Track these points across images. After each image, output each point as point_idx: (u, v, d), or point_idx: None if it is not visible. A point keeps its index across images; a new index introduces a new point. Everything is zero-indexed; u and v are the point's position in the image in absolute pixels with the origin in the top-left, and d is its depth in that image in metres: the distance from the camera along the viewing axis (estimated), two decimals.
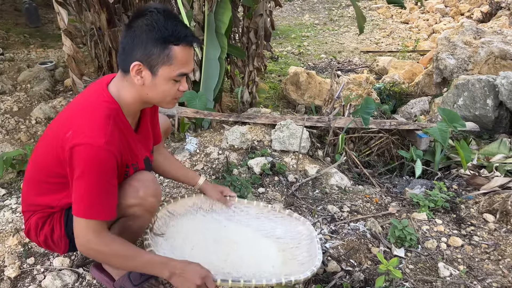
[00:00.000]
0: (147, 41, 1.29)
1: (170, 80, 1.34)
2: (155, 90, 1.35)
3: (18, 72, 5.10)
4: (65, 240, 1.49)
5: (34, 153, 1.51)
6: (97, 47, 4.48)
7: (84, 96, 1.42)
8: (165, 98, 1.39)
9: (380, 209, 2.42)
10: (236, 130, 2.86)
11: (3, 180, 2.63)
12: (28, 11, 7.18)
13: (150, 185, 1.48)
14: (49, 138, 1.40)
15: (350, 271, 1.91)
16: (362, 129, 3.24)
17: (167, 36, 1.28)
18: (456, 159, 3.00)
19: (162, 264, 1.38)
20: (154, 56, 1.29)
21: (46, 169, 1.42)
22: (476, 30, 5.05)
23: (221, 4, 3.69)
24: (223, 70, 3.73)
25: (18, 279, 1.73)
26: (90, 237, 1.32)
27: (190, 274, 1.37)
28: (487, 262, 1.97)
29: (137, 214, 1.48)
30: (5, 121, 4.06)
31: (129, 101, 1.39)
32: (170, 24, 1.29)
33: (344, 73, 6.19)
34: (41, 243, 1.53)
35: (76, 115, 1.34)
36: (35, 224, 1.50)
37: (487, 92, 3.63)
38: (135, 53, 1.30)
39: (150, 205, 1.49)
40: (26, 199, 1.53)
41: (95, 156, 1.26)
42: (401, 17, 9.30)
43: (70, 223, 1.44)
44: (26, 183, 1.54)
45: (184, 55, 1.33)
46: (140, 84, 1.34)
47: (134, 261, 1.36)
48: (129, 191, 1.44)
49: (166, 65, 1.31)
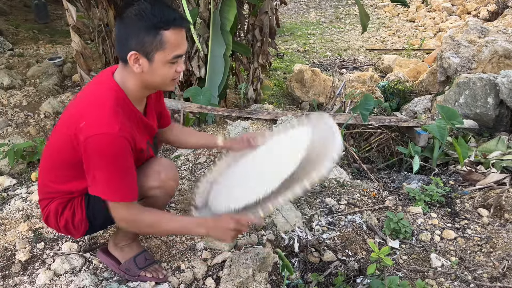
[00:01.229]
0: (138, 30, 1.33)
1: (167, 64, 1.39)
2: (154, 75, 1.41)
3: (27, 67, 5.21)
4: (86, 223, 1.57)
5: (48, 143, 1.58)
6: (105, 43, 4.57)
7: (92, 86, 1.49)
8: (164, 81, 1.44)
9: (377, 202, 2.49)
10: (239, 125, 2.93)
11: (13, 170, 2.74)
12: (37, 8, 7.30)
13: (170, 170, 1.60)
14: (63, 128, 1.47)
15: (345, 260, 1.99)
16: (362, 125, 3.31)
17: (156, 22, 1.32)
18: (454, 156, 3.06)
19: (198, 223, 1.50)
20: (147, 43, 1.34)
21: (62, 157, 1.49)
22: (481, 29, 5.07)
23: (227, 1, 3.76)
24: (228, 67, 3.81)
25: (29, 262, 1.83)
26: (123, 213, 1.43)
27: (223, 223, 1.46)
28: (478, 254, 2.04)
29: (157, 196, 1.58)
30: (14, 115, 4.17)
31: (134, 88, 1.45)
32: (157, 10, 1.33)
33: (349, 71, 6.24)
34: (61, 228, 1.60)
35: (87, 105, 1.41)
36: (55, 210, 1.56)
37: (488, 90, 3.67)
38: (130, 43, 1.35)
39: (170, 188, 1.61)
40: (43, 187, 1.60)
41: (111, 144, 1.33)
42: (407, 15, 9.30)
43: (91, 207, 1.54)
44: (42, 172, 1.60)
45: (176, 37, 1.37)
46: (139, 71, 1.39)
47: (171, 224, 1.49)
48: (151, 174, 1.54)
49: (160, 51, 1.36)
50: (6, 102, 4.36)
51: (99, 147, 1.33)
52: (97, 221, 1.60)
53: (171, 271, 1.81)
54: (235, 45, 4.06)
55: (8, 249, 1.90)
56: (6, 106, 4.27)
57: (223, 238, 1.48)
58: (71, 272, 1.75)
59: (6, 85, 4.63)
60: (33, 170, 2.74)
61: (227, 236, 1.46)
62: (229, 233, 1.45)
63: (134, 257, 1.74)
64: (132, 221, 1.46)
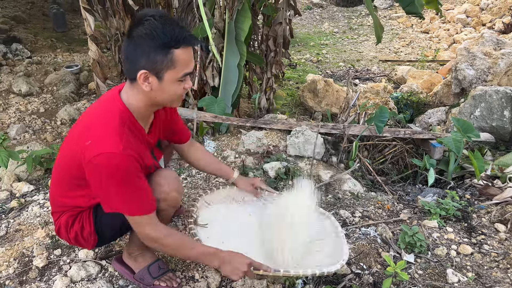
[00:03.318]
0: (149, 49, 1.34)
1: (176, 82, 1.41)
2: (163, 93, 1.43)
3: (45, 74, 5.31)
4: (94, 235, 1.60)
5: (58, 157, 1.61)
6: (121, 52, 4.64)
7: (99, 105, 1.51)
8: (172, 98, 1.46)
9: (392, 215, 2.47)
10: (253, 135, 2.95)
11: (31, 176, 2.78)
12: (55, 16, 7.45)
13: (174, 181, 1.60)
14: (71, 144, 1.49)
15: (359, 273, 1.97)
16: (377, 137, 3.29)
17: (167, 41, 1.34)
18: (470, 169, 3.02)
19: (214, 255, 1.52)
20: (158, 62, 1.35)
21: (70, 172, 1.52)
22: (496, 41, 5.04)
23: (242, 12, 3.80)
24: (241, 76, 3.83)
25: (46, 268, 1.85)
26: (148, 231, 1.46)
27: (238, 263, 1.49)
28: (495, 270, 2.00)
29: (162, 208, 1.59)
30: (32, 121, 4.24)
31: (140, 106, 1.47)
32: (168, 29, 1.34)
33: (362, 82, 6.23)
34: (71, 240, 1.63)
35: (94, 124, 1.43)
36: (65, 223, 1.60)
37: (504, 103, 3.63)
38: (140, 61, 1.36)
39: (174, 200, 1.61)
40: (54, 200, 1.64)
41: (118, 162, 1.35)
42: (421, 26, 9.28)
43: (98, 220, 1.56)
44: (53, 186, 1.64)
45: (186, 56, 1.39)
46: (148, 90, 1.41)
47: (191, 252, 1.53)
48: (154, 187, 1.54)
49: (171, 69, 1.37)
50: (24, 108, 4.44)
51: (105, 166, 1.35)
52: (105, 234, 1.62)
53: (185, 281, 1.82)
54: (249, 55, 4.09)
55: (26, 255, 1.93)
56: (24, 113, 4.35)
57: (231, 276, 1.51)
58: (87, 279, 1.77)
59: (24, 92, 4.72)
60: (50, 176, 2.78)
61: (235, 275, 1.50)
62: (238, 273, 1.49)
63: (148, 266, 1.76)
64: (156, 241, 1.48)
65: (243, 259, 1.50)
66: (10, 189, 2.65)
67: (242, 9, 3.78)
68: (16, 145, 3.59)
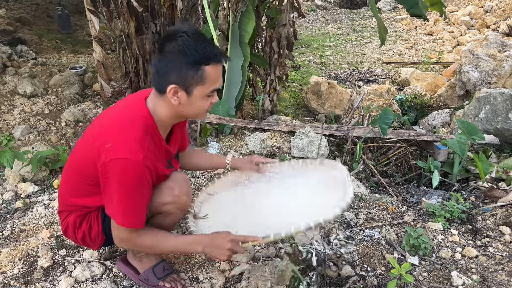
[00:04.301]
0: (181, 65, 1.37)
1: (204, 97, 1.45)
2: (191, 108, 1.46)
3: (49, 76, 5.34)
4: (102, 236, 1.61)
5: (71, 157, 1.62)
6: (125, 54, 4.66)
7: (123, 108, 1.52)
8: (200, 113, 1.50)
9: (396, 217, 2.47)
10: (257, 137, 2.95)
11: (36, 177, 2.79)
12: (60, 18, 7.49)
13: (184, 185, 1.61)
14: (87, 144, 1.50)
15: (363, 276, 1.97)
16: (381, 139, 3.29)
17: (199, 58, 1.37)
18: (475, 171, 3.01)
19: (193, 242, 1.52)
20: (188, 78, 1.38)
21: (84, 173, 1.52)
22: (501, 43, 5.02)
23: (246, 14, 3.81)
24: (245, 78, 3.84)
25: (50, 269, 1.86)
26: (124, 238, 1.49)
27: (219, 242, 1.48)
28: (500, 273, 1.99)
29: (171, 211, 1.60)
30: (37, 122, 4.27)
31: (165, 117, 1.49)
32: (200, 46, 1.37)
33: (366, 84, 6.22)
34: (78, 240, 1.64)
35: (115, 127, 1.43)
36: (73, 223, 1.61)
37: (509, 105, 3.62)
38: (171, 76, 1.39)
39: (183, 203, 1.62)
40: (63, 200, 1.64)
41: (133, 171, 1.36)
42: (425, 28, 9.26)
43: (107, 221, 1.56)
44: (63, 186, 1.64)
45: (215, 72, 1.42)
46: (176, 104, 1.43)
47: (167, 244, 1.51)
48: (165, 190, 1.55)
49: (200, 85, 1.41)
50: (29, 110, 4.46)
51: (120, 171, 1.36)
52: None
53: (189, 282, 1.82)
54: (253, 56, 4.10)
55: (31, 255, 1.94)
56: (28, 114, 4.38)
57: (218, 257, 1.50)
58: (91, 280, 1.78)
59: (29, 93, 4.75)
60: (55, 177, 2.79)
61: (222, 256, 1.48)
62: (224, 252, 1.47)
63: (153, 267, 1.76)
64: (130, 242, 1.51)
65: (224, 238, 1.48)
66: (15, 190, 2.66)
67: (246, 11, 3.79)
68: (21, 146, 3.61)
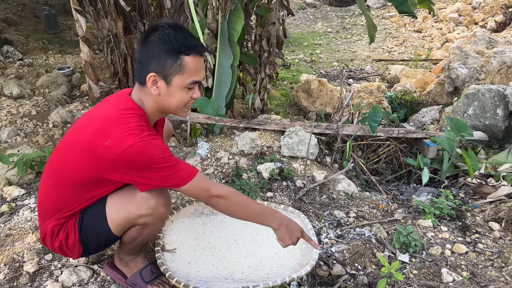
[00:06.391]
0: (160, 53, 1.39)
1: (184, 89, 1.44)
2: (170, 99, 1.45)
3: (36, 77, 5.26)
4: (79, 245, 1.57)
5: (52, 163, 1.56)
6: (113, 54, 4.61)
7: (108, 107, 1.49)
8: (179, 106, 1.48)
9: (386, 215, 2.47)
10: (246, 136, 2.93)
11: (22, 180, 2.75)
12: (47, 18, 7.38)
13: (161, 195, 1.55)
14: (75, 151, 1.45)
15: (354, 274, 1.96)
16: (371, 136, 3.29)
17: (178, 47, 1.38)
18: (464, 168, 3.03)
19: (273, 215, 1.58)
20: (167, 66, 1.39)
21: (70, 179, 1.48)
22: (489, 39, 5.06)
23: (234, 12, 3.78)
24: (235, 77, 3.81)
25: (37, 274, 1.82)
26: (208, 186, 1.48)
27: (295, 227, 1.57)
28: (490, 269, 2.00)
29: (149, 223, 1.57)
30: (23, 124, 4.20)
31: (150, 110, 1.49)
32: (180, 36, 1.39)
33: (356, 81, 6.23)
34: (56, 249, 1.60)
35: (108, 124, 1.40)
36: (50, 231, 1.57)
37: (497, 102, 3.64)
38: (150, 65, 1.41)
39: (161, 214, 1.57)
40: (41, 208, 1.61)
41: (148, 146, 1.36)
42: (414, 26, 9.30)
43: (83, 230, 1.53)
44: (43, 192, 1.60)
45: (195, 64, 1.42)
46: (156, 94, 1.44)
47: (251, 208, 1.57)
48: (141, 201, 1.51)
49: (179, 74, 1.41)
50: (16, 111, 4.39)
51: (139, 154, 1.35)
52: (90, 244, 1.59)
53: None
54: (243, 55, 4.07)
55: (16, 260, 1.90)
56: (15, 116, 4.31)
57: (286, 239, 1.56)
58: (78, 284, 1.75)
59: (16, 95, 4.67)
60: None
61: (289, 239, 1.56)
62: (293, 238, 1.56)
63: (140, 271, 1.74)
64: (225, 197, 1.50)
65: (298, 226, 1.59)
66: (0, 194, 2.61)
67: (235, 10, 3.76)
68: (7, 149, 3.55)
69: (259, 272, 1.79)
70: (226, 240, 1.96)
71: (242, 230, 2.03)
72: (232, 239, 1.97)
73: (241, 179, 2.56)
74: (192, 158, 2.88)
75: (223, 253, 1.88)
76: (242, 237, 1.99)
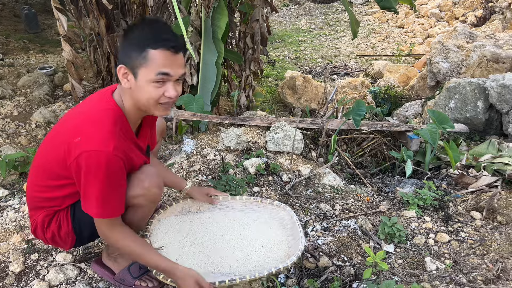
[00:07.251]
0: (128, 45, 1.39)
1: (151, 83, 1.38)
2: (139, 93, 1.41)
3: (17, 77, 5.17)
4: (72, 235, 1.58)
5: (37, 156, 1.58)
6: (96, 52, 4.57)
7: (90, 104, 1.50)
8: (149, 101, 1.42)
9: (371, 207, 2.51)
10: (232, 132, 2.94)
11: (5, 181, 2.71)
12: (27, 17, 7.26)
13: (154, 177, 1.58)
14: (56, 140, 1.48)
15: (341, 265, 1.99)
16: (355, 130, 3.33)
17: (144, 39, 1.36)
18: (446, 160, 3.09)
19: (170, 268, 1.53)
20: (133, 58, 1.37)
21: (50, 171, 1.49)
22: (469, 34, 5.15)
23: (218, 10, 3.78)
24: (220, 74, 3.81)
25: (23, 274, 1.81)
26: (106, 233, 1.48)
27: (188, 282, 1.51)
28: (472, 257, 2.05)
29: (141, 204, 1.57)
30: (5, 125, 4.13)
31: (129, 108, 1.48)
32: (148, 29, 1.38)
33: (340, 77, 6.29)
34: (48, 240, 1.60)
35: (84, 122, 1.41)
36: (41, 222, 1.57)
37: (478, 94, 3.72)
38: (120, 57, 1.42)
39: (154, 195, 1.59)
40: (31, 199, 1.60)
41: (105, 162, 1.34)
42: (396, 21, 9.42)
43: (76, 219, 1.54)
44: (30, 185, 1.60)
45: (162, 58, 1.36)
46: (127, 87, 1.42)
47: (142, 259, 1.55)
48: (135, 182, 1.53)
49: (144, 67, 1.37)
50: None
51: (92, 163, 1.34)
52: (83, 233, 1.60)
53: None
54: (227, 52, 4.07)
55: (2, 260, 1.88)
56: None
57: None
58: (65, 283, 1.74)
59: None
60: (25, 180, 2.71)
61: None
62: None
63: (128, 267, 1.74)
64: (112, 237, 1.50)
65: (193, 278, 1.52)
66: None
67: (218, 7, 3.76)
68: None
69: (246, 265, 1.81)
70: (213, 236, 1.97)
71: (229, 226, 2.05)
72: (219, 235, 1.99)
73: (227, 175, 2.57)
74: (178, 155, 2.88)
75: (210, 249, 1.89)
76: (230, 233, 2.00)
